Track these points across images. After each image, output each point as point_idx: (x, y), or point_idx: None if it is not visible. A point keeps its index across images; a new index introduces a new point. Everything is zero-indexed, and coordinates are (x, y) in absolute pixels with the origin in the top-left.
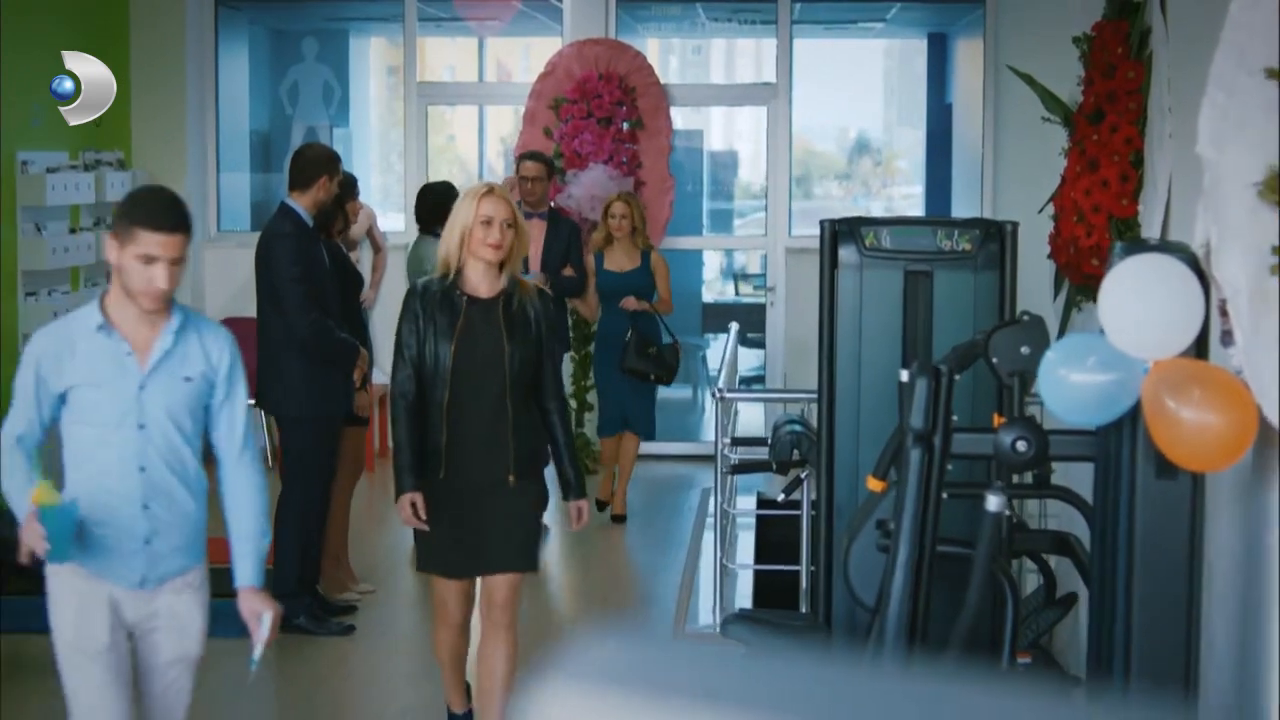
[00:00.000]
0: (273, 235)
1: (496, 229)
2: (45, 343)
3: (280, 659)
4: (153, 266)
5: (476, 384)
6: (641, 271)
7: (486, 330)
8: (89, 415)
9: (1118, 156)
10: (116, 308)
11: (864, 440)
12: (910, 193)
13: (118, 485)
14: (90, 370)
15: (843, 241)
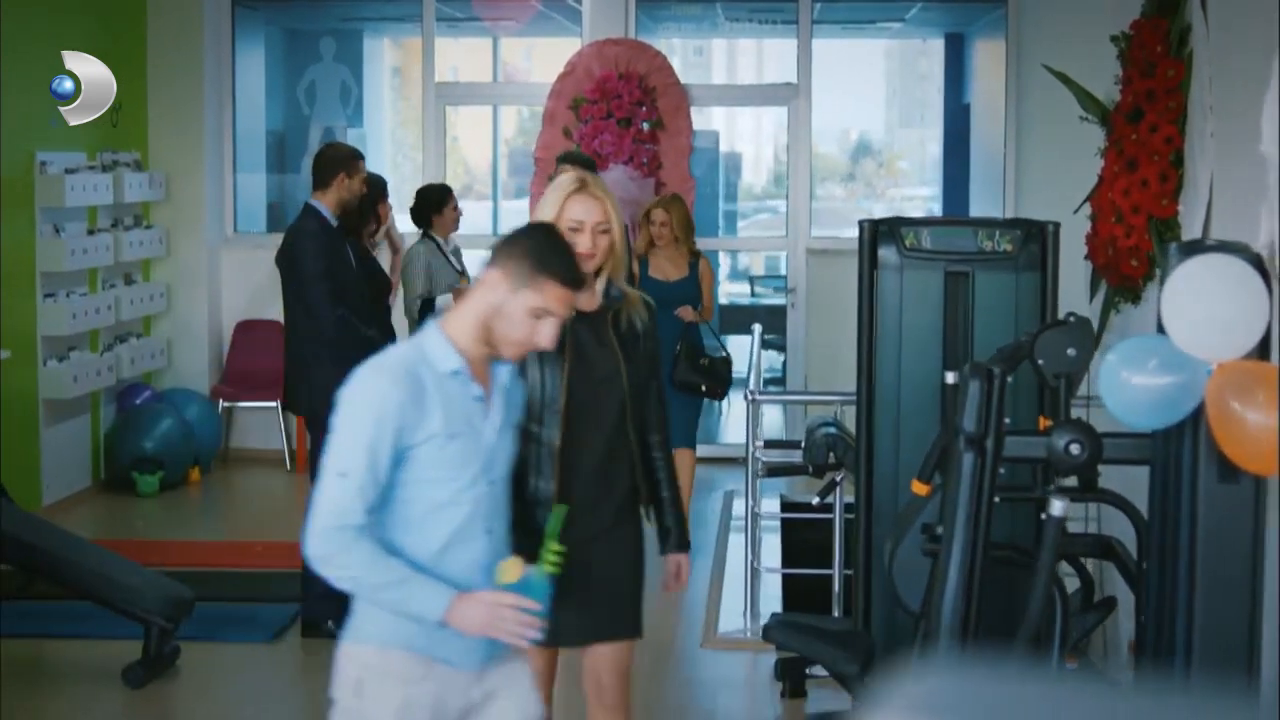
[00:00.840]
0: (296, 233)
1: (588, 236)
2: (397, 392)
3: (308, 666)
4: (544, 322)
5: (592, 416)
6: (690, 280)
7: (599, 351)
8: (440, 473)
9: (1157, 156)
10: (466, 346)
11: (904, 443)
12: (921, 194)
13: (463, 552)
14: (445, 420)
15: (882, 242)
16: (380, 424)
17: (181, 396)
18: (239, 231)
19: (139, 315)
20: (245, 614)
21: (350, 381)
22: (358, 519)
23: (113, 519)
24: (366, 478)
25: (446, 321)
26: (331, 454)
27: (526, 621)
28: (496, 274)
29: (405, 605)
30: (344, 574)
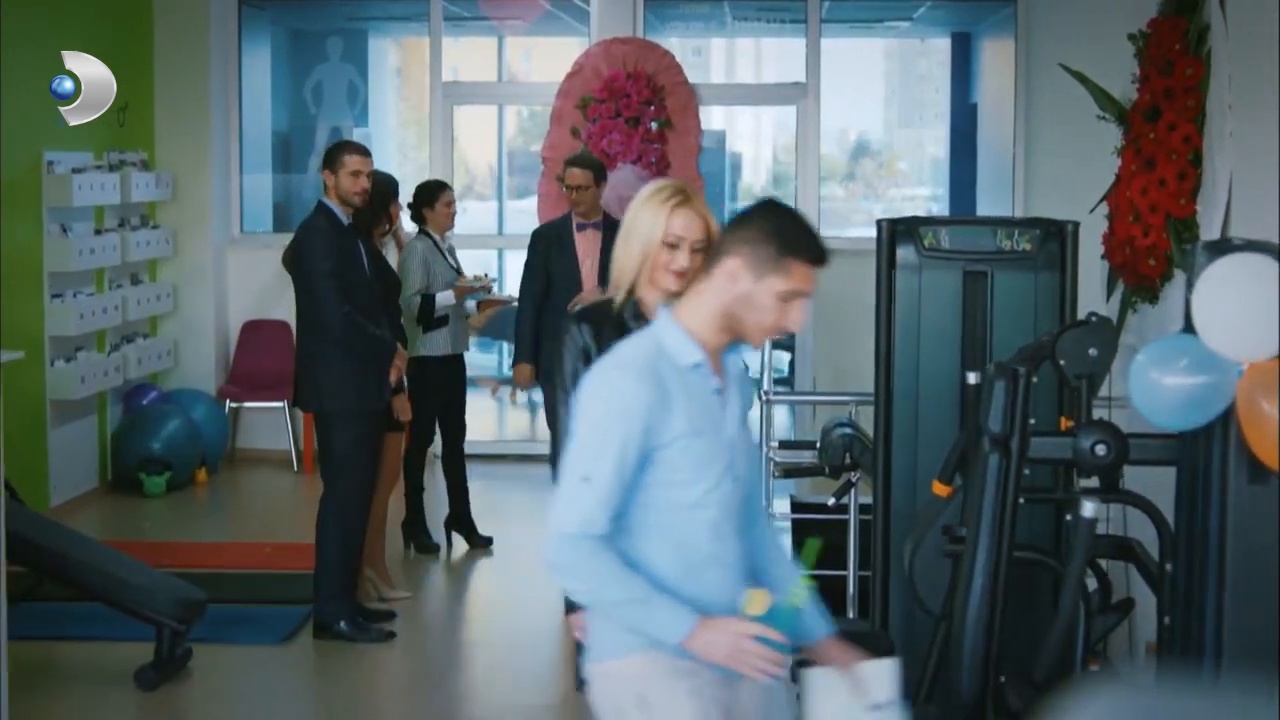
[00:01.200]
0: (305, 230)
1: (685, 253)
2: (644, 390)
3: (319, 667)
4: (793, 304)
5: None
6: None
7: None
8: (687, 473)
9: (1175, 155)
10: (706, 337)
11: (922, 444)
12: (920, 194)
13: (709, 557)
14: (690, 416)
15: (900, 241)
16: (628, 424)
17: (188, 397)
18: (245, 231)
19: (146, 315)
20: (256, 615)
21: (590, 380)
22: (601, 527)
23: (120, 520)
24: (613, 483)
25: (680, 312)
26: (574, 457)
27: (771, 657)
28: (736, 262)
29: (645, 624)
30: (583, 586)
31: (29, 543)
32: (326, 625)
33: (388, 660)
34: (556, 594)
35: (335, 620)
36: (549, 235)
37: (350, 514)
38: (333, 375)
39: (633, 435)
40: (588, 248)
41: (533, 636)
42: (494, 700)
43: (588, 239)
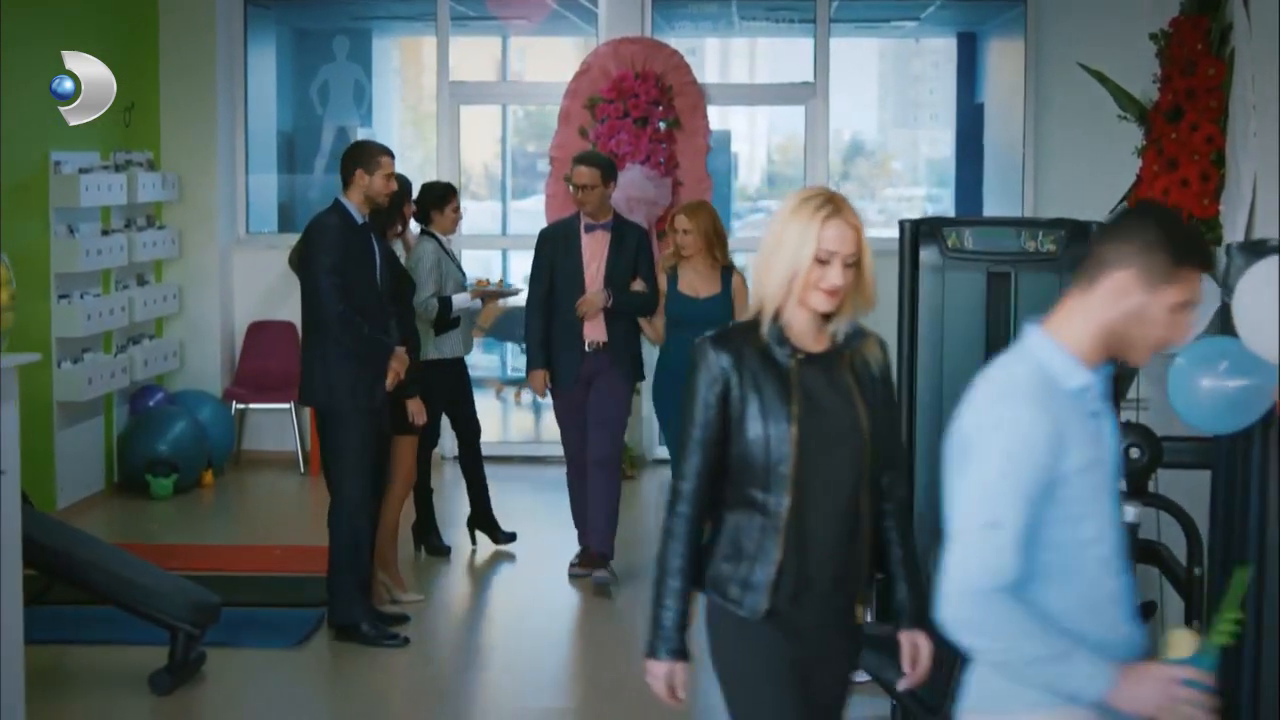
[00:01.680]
0: (316, 226)
1: (838, 269)
2: (1042, 419)
3: (334, 671)
4: (1183, 315)
5: (827, 479)
6: (722, 298)
7: (834, 400)
8: (1087, 506)
9: (1198, 155)
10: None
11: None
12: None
13: (1109, 596)
14: (1082, 446)
15: (924, 243)
16: (1032, 458)
17: (194, 398)
18: (251, 232)
19: (152, 316)
20: (268, 619)
21: (979, 413)
22: (1012, 575)
23: (128, 522)
24: (1022, 525)
25: (1056, 329)
26: (972, 503)
27: (1203, 702)
28: (1126, 274)
29: (1062, 682)
30: (995, 645)
31: (41, 545)
32: (348, 627)
33: (403, 664)
34: (568, 597)
35: (358, 622)
36: (555, 236)
37: (354, 514)
38: (330, 373)
39: (1037, 470)
40: (595, 249)
41: (546, 639)
42: (509, 704)
43: (596, 240)
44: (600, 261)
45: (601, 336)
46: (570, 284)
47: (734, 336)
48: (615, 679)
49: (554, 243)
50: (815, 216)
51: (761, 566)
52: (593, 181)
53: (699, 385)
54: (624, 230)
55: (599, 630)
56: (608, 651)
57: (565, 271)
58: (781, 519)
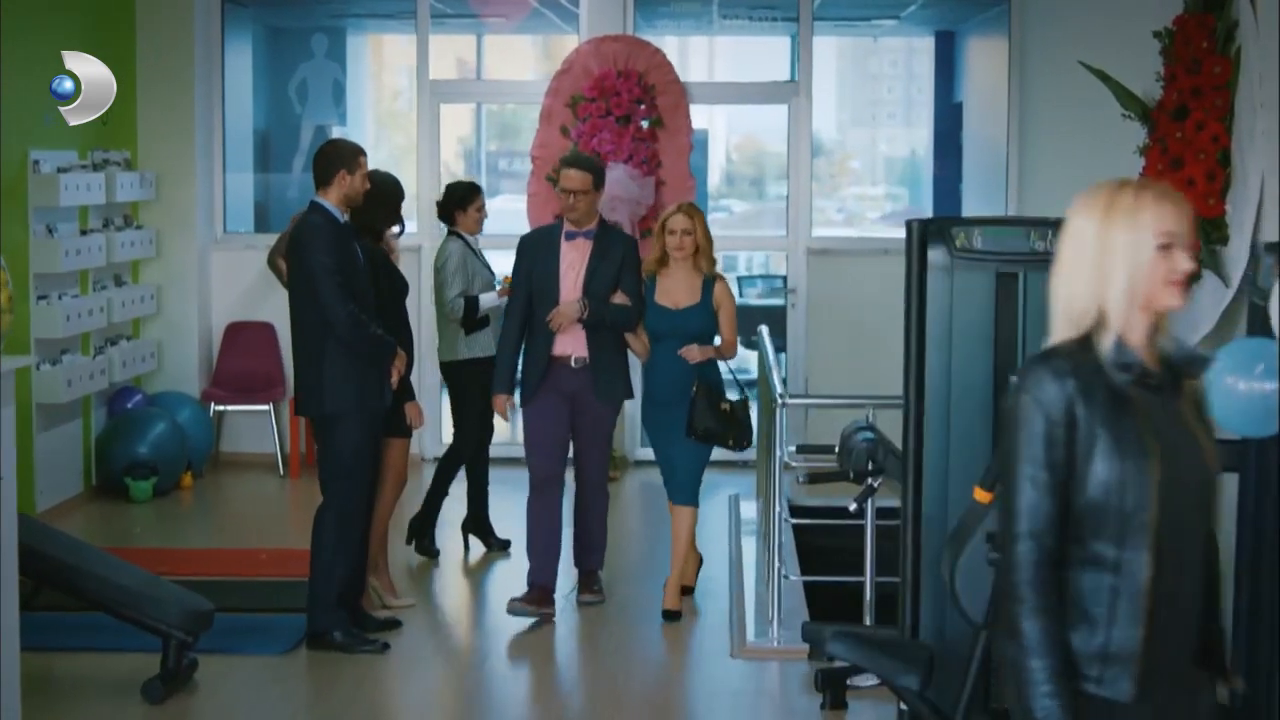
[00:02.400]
0: (304, 227)
1: (1182, 253)
2: None
3: (324, 679)
4: None
5: (1181, 529)
6: (702, 308)
7: (1179, 434)
8: None
9: (1204, 154)
10: None
11: (954, 449)
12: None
13: None
14: None
15: (932, 243)
16: None
17: (173, 400)
18: (229, 232)
19: (130, 317)
20: (257, 624)
21: None
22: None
23: (108, 526)
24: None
25: None
26: None
27: None
28: None
29: None
30: None
31: (34, 552)
32: (321, 635)
33: (397, 671)
34: (561, 600)
35: (330, 630)
36: (534, 243)
37: (350, 521)
38: (335, 375)
39: None
40: (574, 258)
41: (541, 646)
42: (506, 713)
43: (576, 248)
44: (579, 271)
45: (580, 351)
46: (545, 294)
47: (1068, 356)
48: (610, 686)
49: (533, 251)
50: (1139, 200)
51: (1121, 636)
52: (584, 186)
53: (1034, 416)
54: (609, 239)
55: (595, 635)
56: (603, 658)
57: (541, 281)
58: (1141, 578)
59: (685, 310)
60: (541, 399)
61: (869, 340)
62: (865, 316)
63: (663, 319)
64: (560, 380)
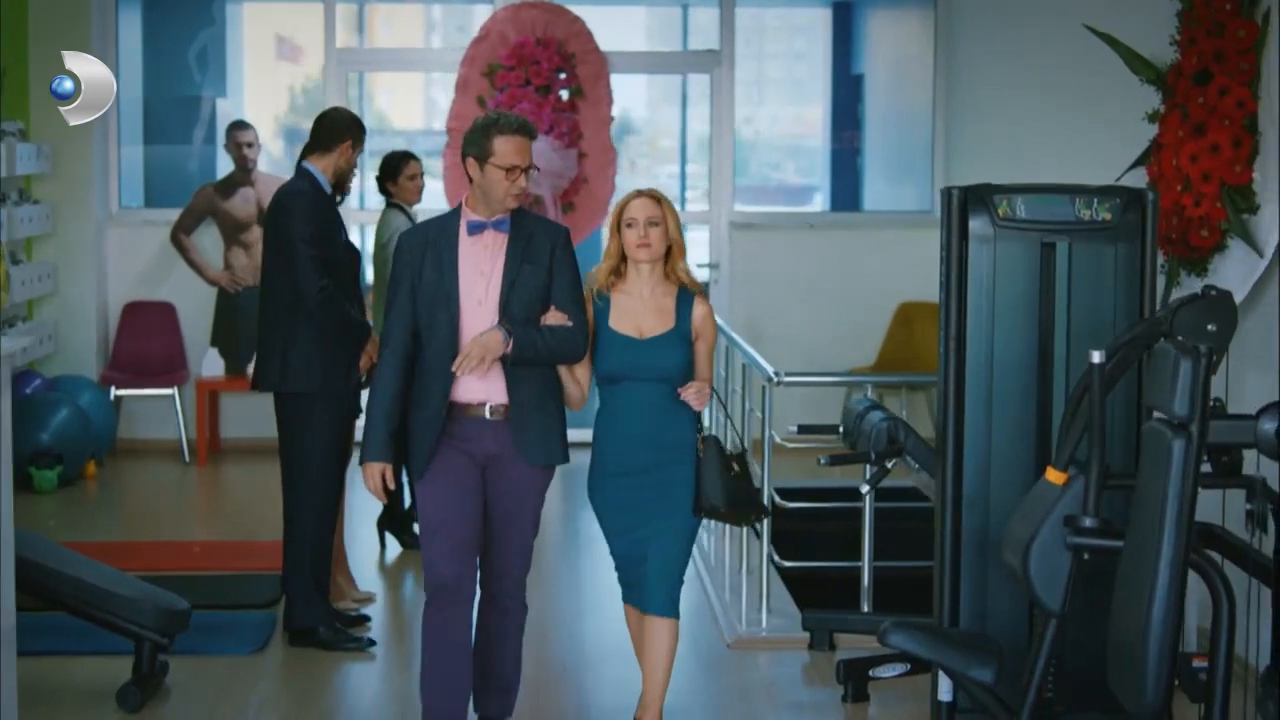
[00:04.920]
0: (287, 193)
1: None
2: None
3: (291, 676)
4: None
5: None
6: (679, 337)
7: None
8: None
9: (1229, 121)
10: None
11: (996, 429)
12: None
13: None
14: None
15: (973, 211)
16: None
17: (73, 384)
18: (124, 207)
19: (26, 297)
20: (216, 623)
21: None
22: None
23: (15, 519)
24: None
25: None
26: None
27: None
28: None
29: None
30: None
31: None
32: (305, 632)
33: (375, 669)
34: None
35: (315, 626)
36: (421, 242)
37: (323, 507)
38: (301, 353)
39: None
40: (483, 260)
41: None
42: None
43: (485, 246)
44: (491, 279)
45: (497, 396)
46: (440, 316)
47: None
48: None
49: (418, 254)
50: None
51: None
52: (526, 160)
53: None
54: (530, 228)
55: (556, 627)
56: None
57: (433, 297)
58: None
59: (655, 341)
60: (442, 467)
61: (800, 314)
62: (792, 291)
63: (623, 354)
64: (467, 438)
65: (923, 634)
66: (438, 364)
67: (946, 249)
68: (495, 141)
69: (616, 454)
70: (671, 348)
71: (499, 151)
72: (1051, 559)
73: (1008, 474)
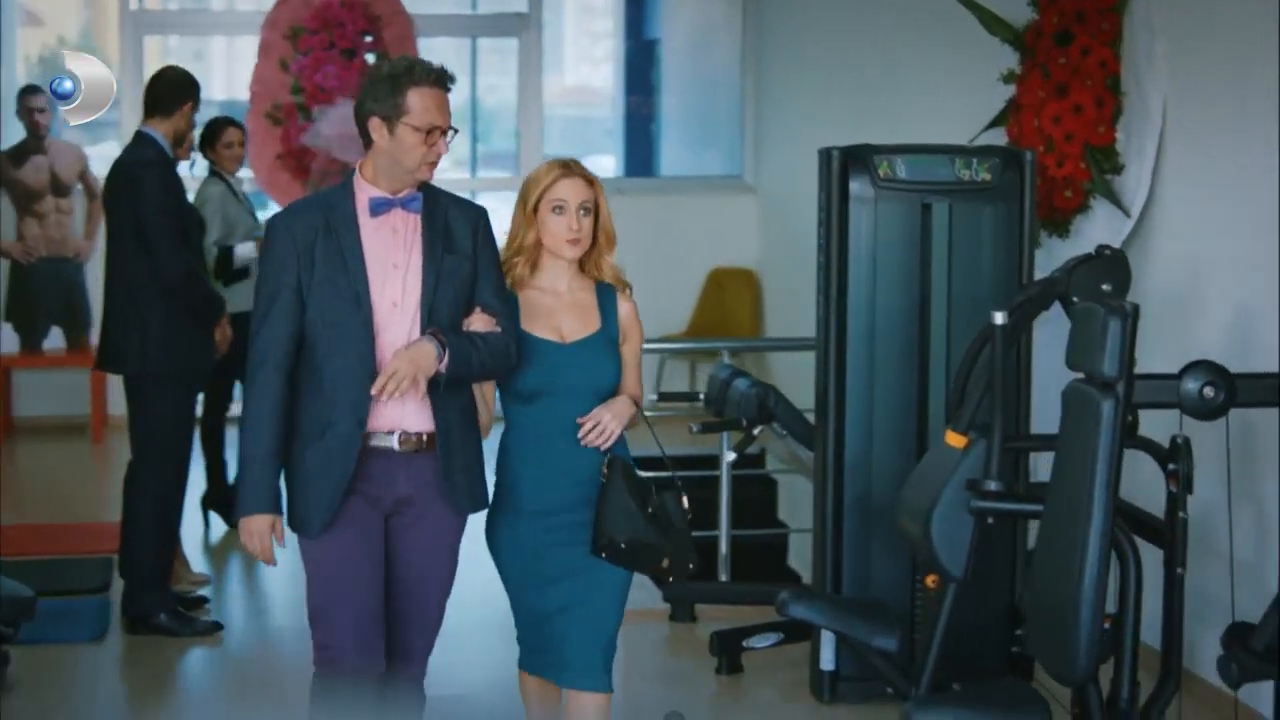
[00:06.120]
0: (135, 164)
1: None
2: None
3: (138, 662)
4: None
5: None
6: (607, 340)
7: None
8: None
9: (1091, 81)
10: None
11: (879, 392)
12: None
13: None
14: None
15: (854, 172)
16: None
17: None
18: None
19: None
20: (55, 609)
21: None
22: None
23: None
24: None
25: None
26: None
27: None
28: None
29: None
30: None
31: None
32: (144, 619)
33: (211, 654)
34: None
35: (154, 612)
36: (307, 224)
37: (170, 489)
38: (158, 331)
39: None
40: (393, 247)
41: None
42: None
43: (393, 231)
44: (409, 274)
45: (421, 423)
46: (347, 325)
47: None
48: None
49: (305, 240)
50: None
51: None
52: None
53: None
54: (445, 208)
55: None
56: None
57: (335, 299)
58: None
59: (581, 346)
60: (345, 520)
61: None
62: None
63: (544, 363)
64: (370, 478)
65: (824, 603)
66: (344, 384)
67: (826, 211)
68: (409, 96)
69: (533, 488)
70: (601, 354)
71: (415, 108)
72: (954, 525)
73: (890, 438)
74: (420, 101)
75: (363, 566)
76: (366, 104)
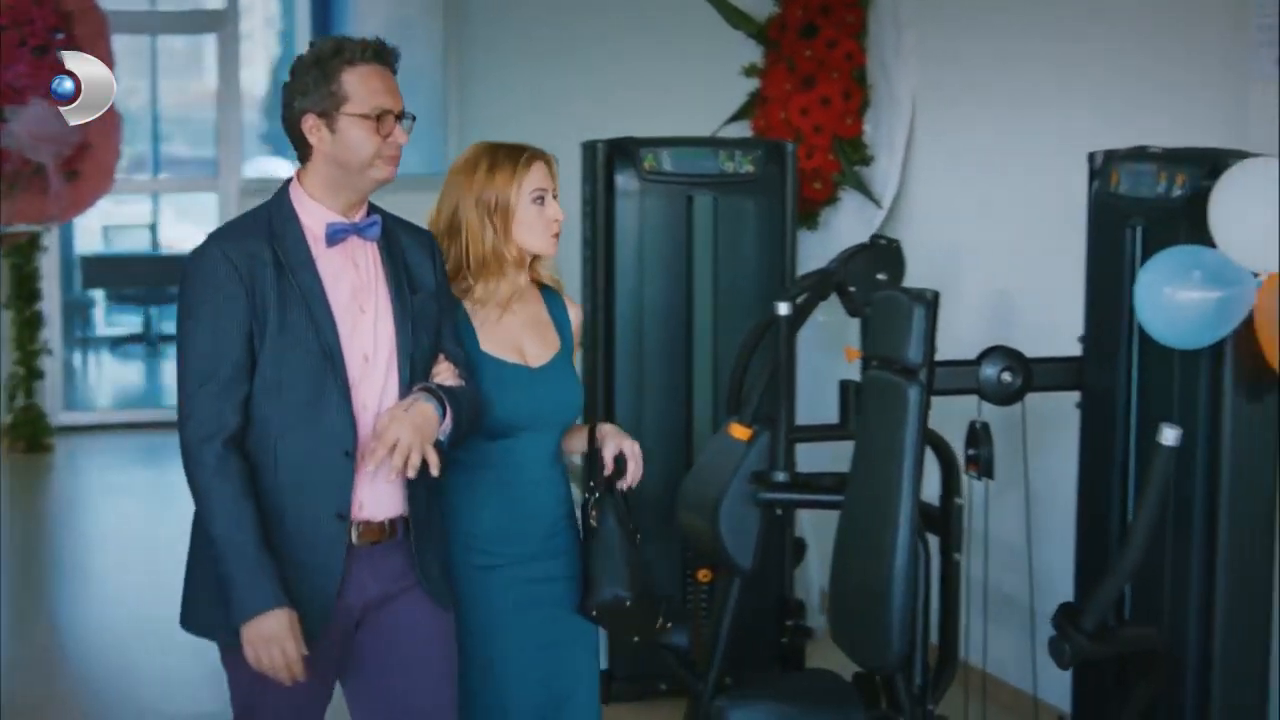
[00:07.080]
0: None
1: None
2: None
3: None
4: None
5: None
6: (567, 360)
7: None
8: None
9: (838, 73)
10: None
11: (649, 386)
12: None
13: None
14: None
15: (619, 165)
16: None
17: None
18: None
19: None
20: None
21: None
22: None
23: None
24: None
25: None
26: None
27: None
28: None
29: None
30: None
31: None
32: None
33: None
34: None
35: None
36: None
37: None
38: None
39: None
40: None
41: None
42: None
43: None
44: (380, 320)
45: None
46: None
47: None
48: None
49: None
50: None
51: None
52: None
53: None
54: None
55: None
56: None
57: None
58: None
59: (549, 371)
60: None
61: None
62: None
63: (520, 393)
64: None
65: None
66: (316, 465)
67: (592, 204)
68: (344, 79)
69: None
70: (568, 378)
71: (354, 92)
72: (741, 517)
73: (659, 431)
74: (360, 83)
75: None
76: (295, 103)
